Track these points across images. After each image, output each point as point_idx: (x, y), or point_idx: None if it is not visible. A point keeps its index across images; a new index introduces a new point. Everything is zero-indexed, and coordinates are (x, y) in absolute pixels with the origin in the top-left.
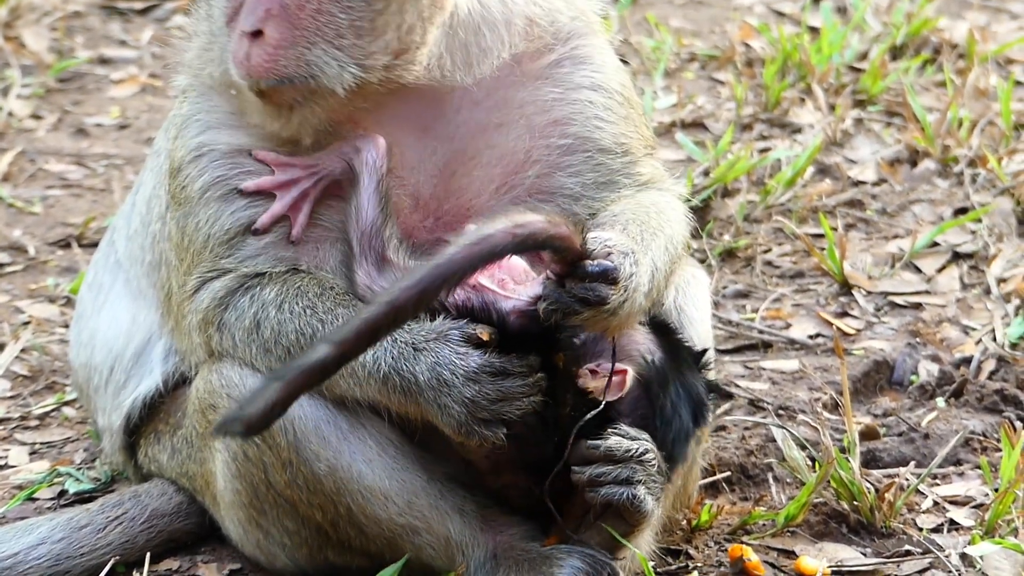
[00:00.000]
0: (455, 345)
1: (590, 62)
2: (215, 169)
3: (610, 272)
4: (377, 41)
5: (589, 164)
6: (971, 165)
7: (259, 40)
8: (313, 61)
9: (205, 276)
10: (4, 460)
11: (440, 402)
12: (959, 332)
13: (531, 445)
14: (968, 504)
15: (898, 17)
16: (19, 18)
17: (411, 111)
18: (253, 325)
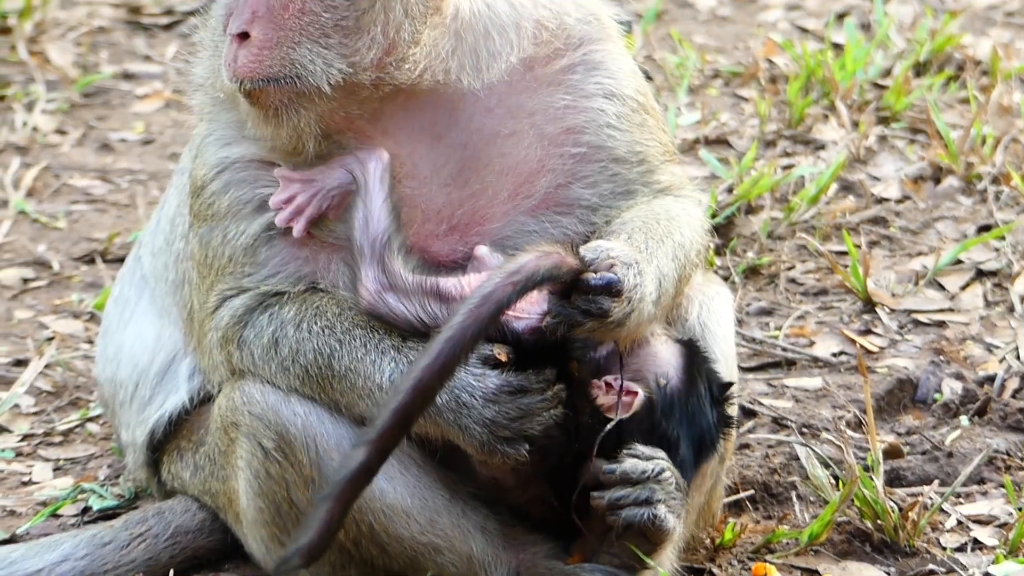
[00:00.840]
0: (472, 367)
1: (603, 68)
2: (237, 185)
3: (613, 284)
4: (363, 39)
5: (604, 174)
6: (995, 182)
7: (246, 42)
8: (297, 60)
9: (225, 294)
10: (28, 476)
11: (461, 423)
12: (983, 350)
13: (553, 456)
14: (992, 523)
15: (922, 34)
16: (44, 33)
17: (423, 120)
18: (272, 343)
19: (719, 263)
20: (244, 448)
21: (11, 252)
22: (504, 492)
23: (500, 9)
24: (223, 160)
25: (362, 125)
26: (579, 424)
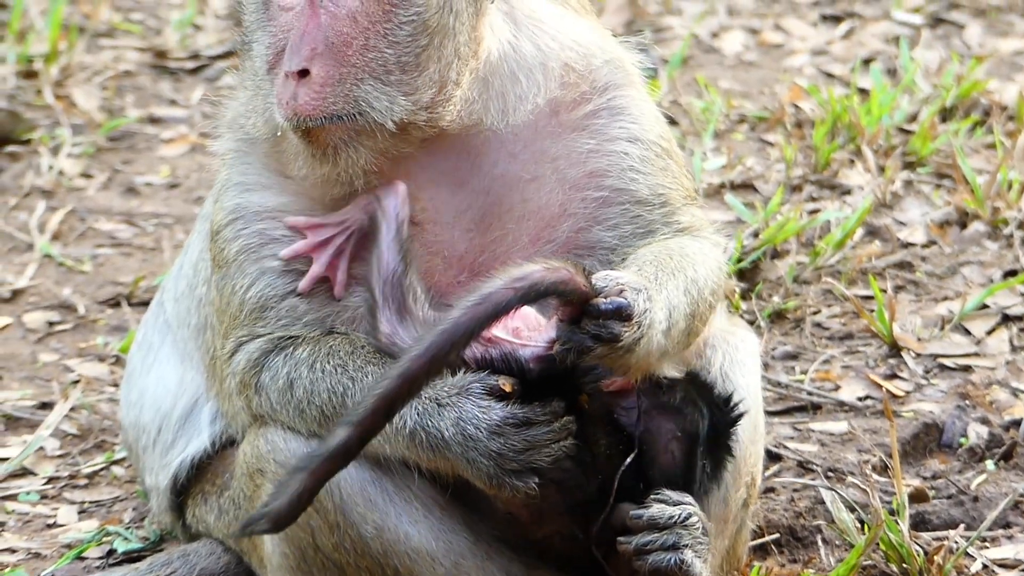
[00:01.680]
0: (477, 399)
1: (627, 113)
2: (250, 235)
3: (624, 309)
4: (422, 76)
5: (626, 216)
6: (1021, 227)
7: (306, 79)
8: (362, 97)
9: (241, 339)
10: (53, 519)
11: (468, 456)
12: (1008, 394)
13: (572, 489)
14: (1018, 567)
15: (948, 79)
16: (70, 77)
17: (446, 166)
18: (287, 385)
19: (745, 307)
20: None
21: (37, 295)
22: (522, 528)
23: (526, 51)
24: (239, 207)
25: (388, 170)
26: (595, 457)
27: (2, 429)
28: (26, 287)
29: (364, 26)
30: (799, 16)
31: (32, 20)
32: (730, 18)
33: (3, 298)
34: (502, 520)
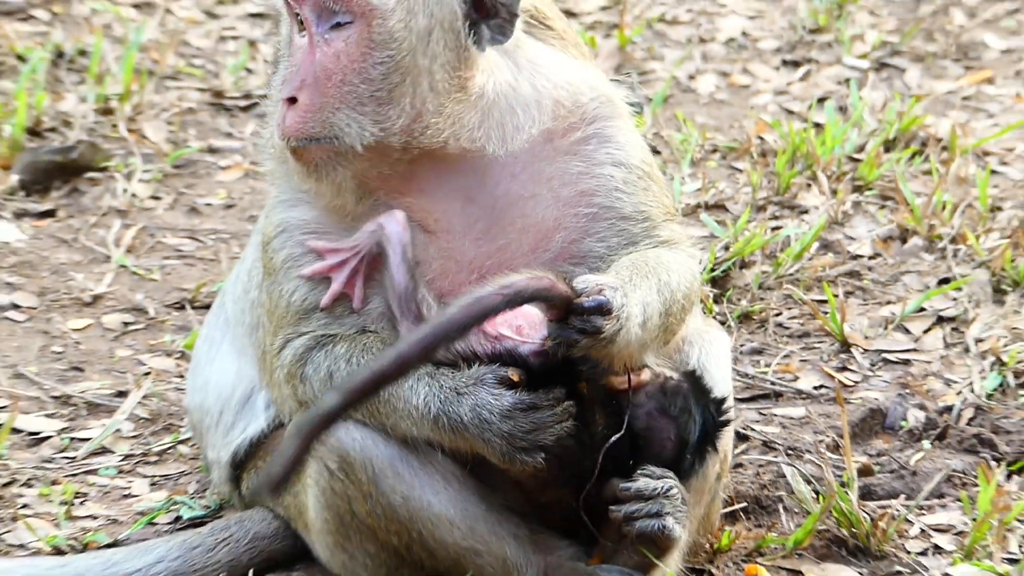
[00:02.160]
0: (491, 387)
1: (613, 141)
2: (293, 246)
3: (604, 305)
4: (394, 108)
5: (613, 230)
6: (953, 242)
7: (294, 106)
8: (336, 123)
9: (288, 337)
10: (128, 490)
11: (484, 437)
12: (942, 384)
13: (570, 463)
14: (950, 531)
15: (891, 115)
16: (140, 113)
17: (457, 183)
18: (327, 376)
19: (717, 309)
20: (312, 469)
21: (113, 300)
22: (527, 494)
23: (523, 90)
24: (284, 220)
25: (398, 185)
26: (591, 436)
27: (85, 414)
28: (104, 293)
29: (344, 64)
30: (763, 61)
31: (109, 65)
32: (704, 63)
33: (85, 302)
34: (510, 488)
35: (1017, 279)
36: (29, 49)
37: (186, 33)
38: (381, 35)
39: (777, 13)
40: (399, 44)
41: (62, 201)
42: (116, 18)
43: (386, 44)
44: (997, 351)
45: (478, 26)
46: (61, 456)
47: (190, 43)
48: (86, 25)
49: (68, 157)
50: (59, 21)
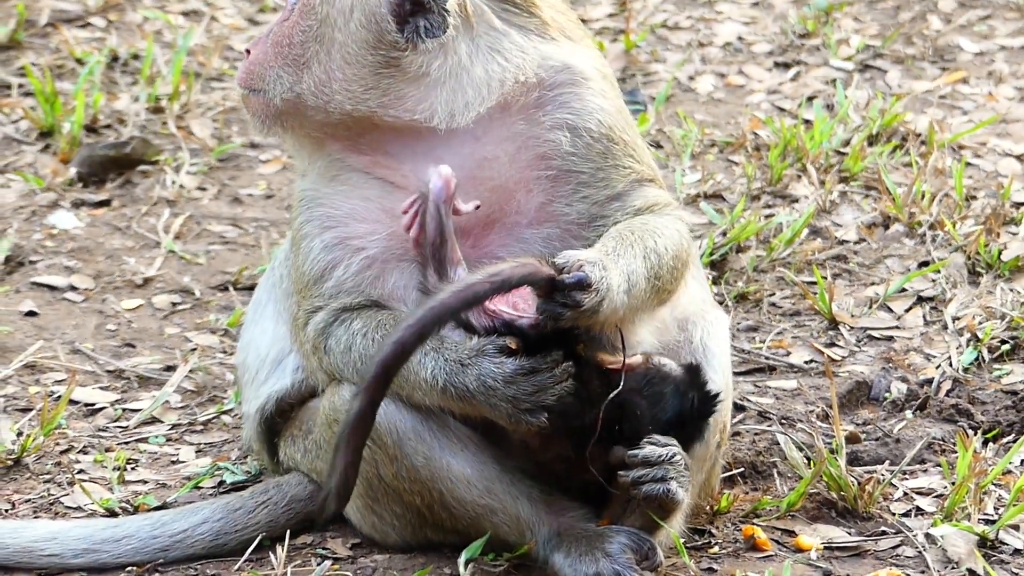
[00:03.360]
0: (492, 356)
1: (568, 106)
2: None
3: (582, 280)
4: (307, 71)
5: (576, 196)
6: (931, 228)
7: (247, 58)
8: (266, 77)
9: (309, 309)
10: (176, 457)
11: (490, 403)
12: (923, 359)
13: (572, 419)
14: (931, 494)
15: (874, 112)
16: (188, 112)
17: (422, 147)
18: (347, 349)
19: (716, 291)
20: None
21: (163, 283)
22: (532, 453)
23: (476, 73)
24: (300, 191)
25: (363, 149)
26: (589, 393)
27: (136, 387)
28: (154, 276)
29: (285, 29)
30: (757, 63)
31: (159, 68)
32: (703, 65)
33: (136, 284)
34: (518, 446)
35: (990, 262)
36: (87, 53)
37: (230, 38)
38: (309, 6)
39: (769, 19)
40: (318, 16)
41: (116, 192)
42: (166, 25)
43: (311, 14)
44: (973, 328)
45: (415, 18)
46: (114, 425)
47: (233, 47)
48: (139, 31)
49: (122, 152)
50: (114, 28)
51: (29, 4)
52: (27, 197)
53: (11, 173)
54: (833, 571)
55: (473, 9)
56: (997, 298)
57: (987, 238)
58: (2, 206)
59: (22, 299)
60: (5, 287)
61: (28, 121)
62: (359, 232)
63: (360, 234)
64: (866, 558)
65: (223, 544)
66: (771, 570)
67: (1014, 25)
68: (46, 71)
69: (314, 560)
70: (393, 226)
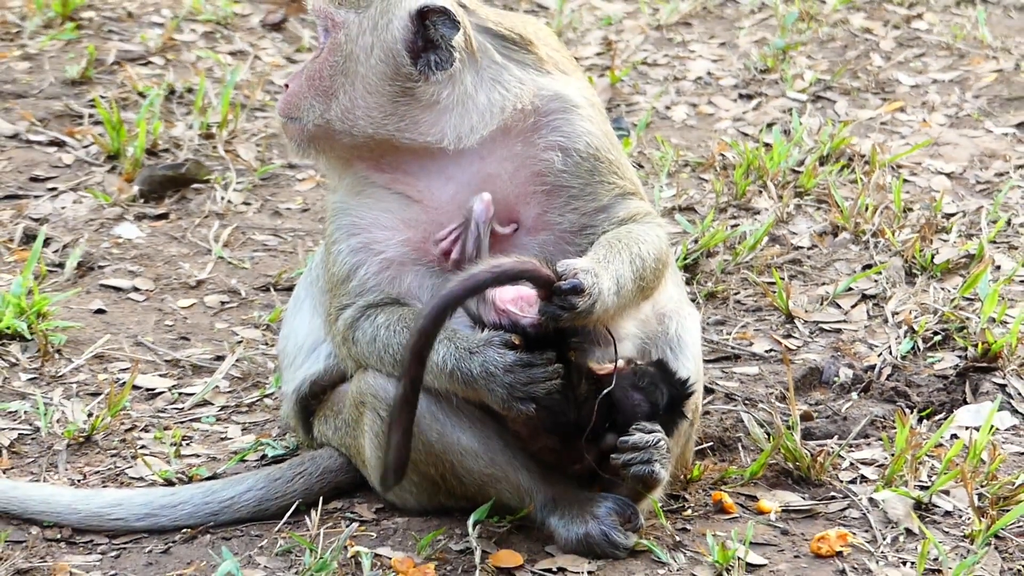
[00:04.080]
0: (497, 348)
1: (560, 130)
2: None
3: (577, 286)
4: (334, 100)
5: (568, 208)
6: (874, 236)
7: (286, 91)
8: (302, 107)
9: (339, 307)
10: (225, 434)
11: (489, 387)
12: (866, 348)
13: (558, 415)
14: (873, 464)
15: (824, 137)
16: (235, 137)
17: (436, 165)
18: (371, 340)
19: (688, 290)
20: (368, 417)
21: (213, 284)
22: (523, 442)
23: (479, 101)
24: (332, 203)
25: (379, 165)
26: (576, 395)
27: (190, 374)
28: (206, 278)
29: (318, 64)
30: (724, 95)
31: (210, 100)
32: (678, 96)
33: (190, 286)
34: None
35: (924, 265)
36: (148, 87)
37: (271, 74)
38: (336, 44)
39: (735, 57)
40: (344, 52)
41: (173, 207)
42: (216, 63)
43: (338, 51)
44: (909, 321)
45: (426, 53)
46: (172, 407)
47: (274, 82)
48: (192, 68)
49: (178, 172)
50: (171, 65)
51: (99, 45)
52: (96, 211)
53: (83, 191)
54: (789, 530)
55: (477, 45)
56: (930, 296)
57: (922, 244)
58: (75, 219)
59: (92, 299)
60: (77, 289)
61: (97, 146)
62: (379, 238)
63: (380, 240)
64: (818, 519)
65: (265, 509)
66: (736, 529)
67: (945, 62)
68: (113, 103)
69: (343, 523)
70: (408, 233)
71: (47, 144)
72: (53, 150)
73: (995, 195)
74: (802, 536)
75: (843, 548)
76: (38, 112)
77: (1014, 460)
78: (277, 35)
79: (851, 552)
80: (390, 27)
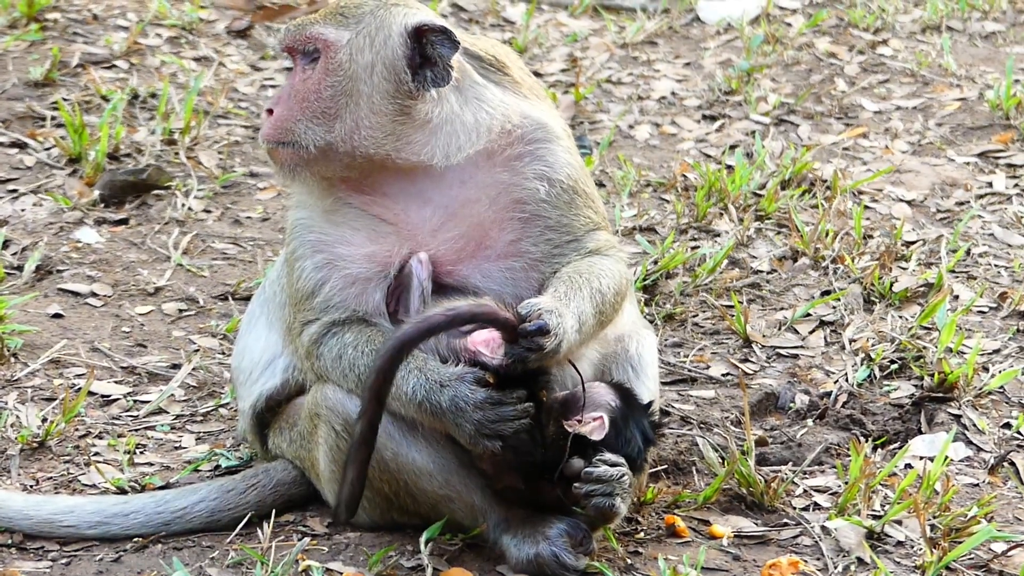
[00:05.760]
0: (469, 384)
1: (543, 160)
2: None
3: (542, 327)
4: (339, 121)
5: (542, 237)
6: (833, 262)
7: (271, 116)
8: (296, 130)
9: (304, 321)
10: (179, 443)
11: (457, 422)
12: (823, 375)
13: (524, 455)
14: (827, 492)
15: (786, 161)
16: (197, 144)
17: (415, 188)
18: (337, 357)
19: (647, 311)
20: (323, 430)
21: (171, 292)
22: (488, 479)
23: (466, 119)
24: (293, 221)
25: (360, 187)
26: (543, 436)
27: (146, 381)
28: (164, 285)
29: (309, 86)
30: (687, 116)
31: (173, 106)
32: (641, 115)
33: (149, 293)
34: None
35: (883, 292)
36: (111, 91)
37: (235, 81)
38: (333, 65)
39: (699, 78)
40: (346, 72)
41: (133, 212)
42: (180, 68)
43: (336, 71)
44: (866, 349)
45: (423, 70)
46: (126, 414)
47: (238, 89)
48: (156, 74)
49: (139, 177)
50: (135, 70)
51: (63, 47)
52: (56, 215)
53: (43, 194)
54: (742, 556)
55: (457, 65)
56: (888, 324)
57: (881, 272)
58: (35, 222)
59: (49, 303)
60: (35, 292)
61: (59, 149)
62: (344, 255)
63: (345, 256)
64: (770, 545)
65: (217, 520)
66: (688, 554)
67: (908, 89)
68: (75, 106)
69: (295, 536)
70: (374, 248)
71: (8, 146)
72: (14, 152)
73: (955, 224)
74: (754, 562)
75: (794, 575)
76: (0, 113)
77: (967, 492)
78: (242, 42)
79: None
80: (388, 43)
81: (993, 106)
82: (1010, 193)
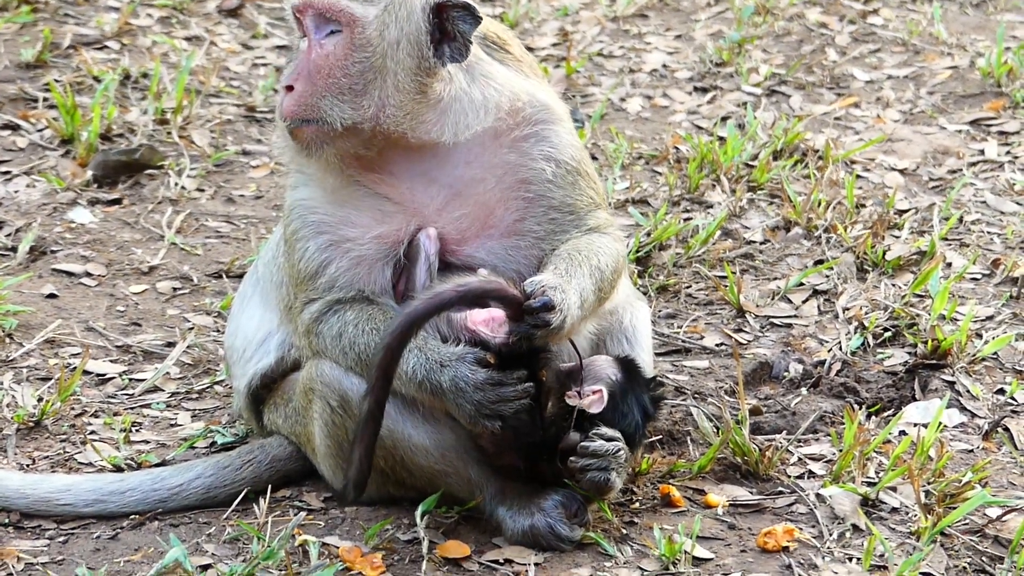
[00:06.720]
0: (469, 364)
1: (548, 140)
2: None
3: (548, 304)
4: (366, 98)
5: (546, 217)
6: (826, 231)
7: (291, 92)
8: (322, 107)
9: (304, 300)
10: (175, 420)
11: (457, 402)
12: (817, 343)
13: (523, 435)
14: (822, 460)
15: (778, 131)
16: (190, 123)
17: (421, 167)
18: (337, 335)
19: (640, 283)
20: (318, 405)
21: (165, 270)
22: (487, 456)
23: (475, 97)
24: (293, 201)
25: (371, 165)
26: (543, 416)
27: (141, 360)
28: (158, 264)
29: (332, 61)
30: (679, 88)
31: (165, 85)
32: (633, 88)
33: (143, 272)
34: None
35: (876, 261)
36: (103, 72)
37: (226, 60)
38: (361, 41)
39: (690, 50)
40: (374, 48)
41: (127, 192)
42: (172, 48)
43: (364, 47)
44: (860, 317)
45: (441, 45)
46: (122, 393)
47: (230, 68)
48: (148, 54)
49: (132, 157)
50: (127, 50)
51: (55, 29)
52: (50, 196)
53: (36, 175)
54: (737, 525)
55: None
56: (881, 292)
57: (873, 240)
58: (28, 203)
59: (44, 283)
60: (29, 273)
61: (51, 130)
62: (350, 235)
63: (351, 237)
64: (765, 514)
65: (214, 496)
66: (683, 523)
67: (900, 58)
68: (67, 87)
69: (292, 511)
70: (381, 230)
71: (1, 128)
72: (7, 133)
73: (947, 192)
74: (749, 531)
75: (790, 543)
76: None
77: (961, 458)
78: (233, 21)
79: (797, 547)
80: (412, 19)
81: (984, 74)
82: (1002, 160)
